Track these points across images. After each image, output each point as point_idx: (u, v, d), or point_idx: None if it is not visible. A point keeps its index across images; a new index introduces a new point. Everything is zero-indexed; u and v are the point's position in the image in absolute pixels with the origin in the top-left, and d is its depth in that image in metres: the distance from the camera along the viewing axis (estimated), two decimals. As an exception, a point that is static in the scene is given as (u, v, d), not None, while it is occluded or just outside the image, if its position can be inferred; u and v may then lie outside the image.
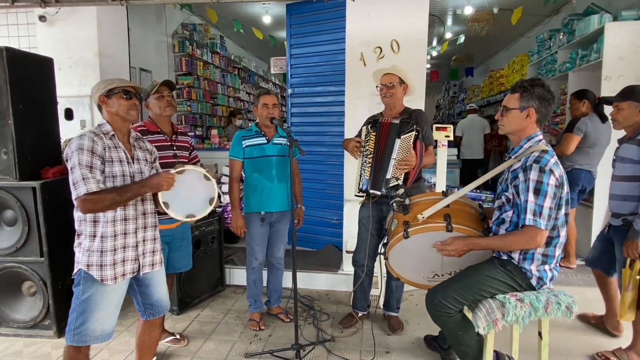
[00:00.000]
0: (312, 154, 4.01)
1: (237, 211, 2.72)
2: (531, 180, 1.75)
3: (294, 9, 4.12)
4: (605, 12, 4.30)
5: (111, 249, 1.79)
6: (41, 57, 2.83)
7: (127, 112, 1.85)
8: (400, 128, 2.37)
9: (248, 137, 2.69)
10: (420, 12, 3.22)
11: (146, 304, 2.00)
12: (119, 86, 1.84)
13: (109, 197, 1.70)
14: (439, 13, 6.61)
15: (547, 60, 5.78)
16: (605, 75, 3.79)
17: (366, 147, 2.48)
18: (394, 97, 2.56)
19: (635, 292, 2.17)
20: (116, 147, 1.83)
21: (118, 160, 1.81)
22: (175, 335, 2.67)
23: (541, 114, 1.87)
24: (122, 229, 1.82)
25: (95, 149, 1.73)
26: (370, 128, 2.48)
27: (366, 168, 2.46)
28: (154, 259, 1.96)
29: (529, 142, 1.88)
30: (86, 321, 1.79)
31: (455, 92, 12.51)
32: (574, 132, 3.54)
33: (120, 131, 1.88)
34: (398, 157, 2.35)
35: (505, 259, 1.90)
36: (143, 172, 1.91)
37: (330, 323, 2.92)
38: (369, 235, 2.63)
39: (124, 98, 1.83)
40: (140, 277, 1.93)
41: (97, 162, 1.73)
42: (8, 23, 4.08)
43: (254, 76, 10.02)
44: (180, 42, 6.20)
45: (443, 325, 2.01)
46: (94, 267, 1.77)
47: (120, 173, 1.80)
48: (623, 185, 2.29)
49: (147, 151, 2.00)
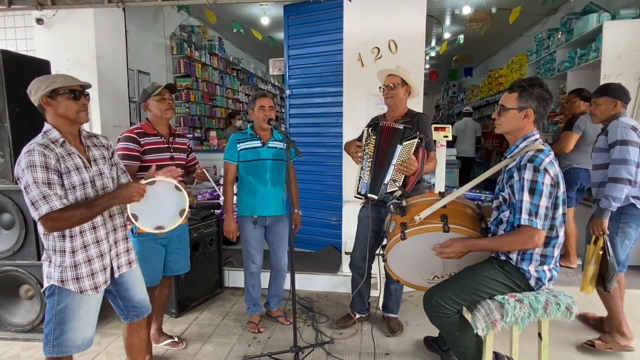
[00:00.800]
0: (310, 154, 4.01)
1: (230, 215, 2.71)
2: (526, 180, 1.74)
3: (291, 10, 4.11)
4: (604, 10, 4.30)
5: (85, 261, 1.70)
6: (38, 60, 2.83)
7: (76, 114, 1.68)
8: (403, 134, 2.32)
9: (243, 140, 2.67)
10: (418, 12, 3.21)
11: (128, 306, 1.92)
12: (64, 86, 1.65)
13: (77, 212, 1.58)
14: (437, 13, 6.61)
15: (545, 60, 5.78)
16: (604, 74, 3.78)
17: (366, 151, 2.45)
18: (396, 98, 2.54)
19: (597, 266, 2.35)
20: (70, 154, 1.66)
21: (75, 168, 1.66)
22: (174, 338, 2.65)
23: (539, 114, 1.85)
24: (93, 238, 1.72)
25: (49, 163, 1.57)
26: (370, 131, 2.44)
27: (366, 171, 2.43)
28: (130, 257, 1.89)
29: (525, 142, 1.87)
30: (65, 332, 1.69)
31: (455, 93, 12.51)
32: (573, 130, 3.54)
33: (70, 134, 1.71)
34: (398, 163, 2.30)
35: (504, 259, 1.89)
36: (103, 173, 1.78)
37: (330, 325, 2.90)
38: (367, 235, 2.62)
39: (71, 99, 1.66)
40: (118, 281, 1.84)
41: (54, 176, 1.58)
42: (5, 26, 4.07)
43: (252, 78, 10.01)
44: (179, 44, 6.19)
45: (441, 326, 1.99)
46: (70, 282, 1.67)
47: (79, 182, 1.66)
48: (599, 173, 2.52)
49: (103, 147, 1.85)
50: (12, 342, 2.66)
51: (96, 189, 1.74)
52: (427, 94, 13.91)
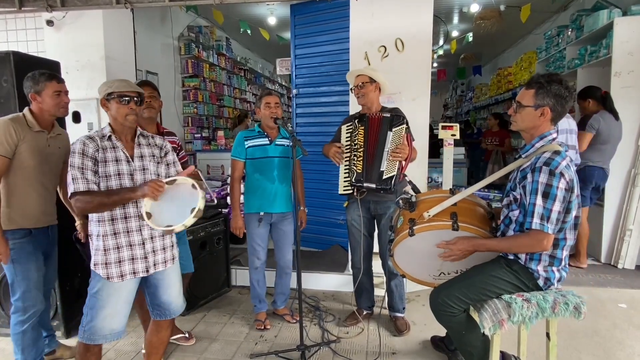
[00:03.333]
0: (317, 154, 3.99)
1: (236, 212, 2.73)
2: (540, 183, 1.69)
3: (298, 9, 4.12)
4: (615, 7, 4.23)
5: (114, 247, 1.81)
6: (48, 61, 2.86)
7: (124, 117, 1.84)
8: (391, 122, 2.44)
9: (251, 138, 2.69)
10: (425, 10, 3.19)
11: (153, 303, 2.00)
12: (116, 91, 1.82)
13: (97, 198, 1.74)
14: (445, 11, 6.56)
15: (555, 57, 5.69)
16: (615, 71, 3.73)
17: (355, 142, 2.51)
18: (367, 96, 2.60)
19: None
20: (114, 147, 1.84)
21: (114, 160, 1.83)
22: (185, 333, 2.69)
23: (556, 112, 1.78)
24: (124, 227, 1.84)
25: (87, 151, 1.77)
26: (357, 123, 2.53)
27: (357, 162, 2.48)
28: (165, 255, 1.95)
29: (542, 141, 1.81)
30: (94, 318, 1.81)
31: (463, 91, 12.41)
32: (587, 130, 3.52)
33: (121, 132, 1.88)
34: (391, 148, 2.39)
35: (512, 259, 1.87)
36: (146, 169, 1.90)
37: (336, 324, 2.90)
38: (361, 236, 2.64)
39: (120, 103, 1.82)
40: (148, 277, 1.92)
41: (89, 163, 1.77)
42: (17, 28, 4.13)
43: (260, 78, 10.04)
44: (186, 45, 6.23)
45: (447, 325, 1.98)
46: (100, 266, 1.81)
47: (115, 172, 1.82)
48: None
49: (155, 146, 1.99)
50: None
51: (134, 181, 1.86)
52: (435, 92, 13.86)
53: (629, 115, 3.65)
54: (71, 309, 2.75)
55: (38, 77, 2.14)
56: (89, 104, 3.88)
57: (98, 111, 3.88)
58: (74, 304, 2.78)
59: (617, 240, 3.82)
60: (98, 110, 3.87)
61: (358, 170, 2.46)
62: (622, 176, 3.80)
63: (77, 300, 2.83)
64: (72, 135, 3.18)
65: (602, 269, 3.74)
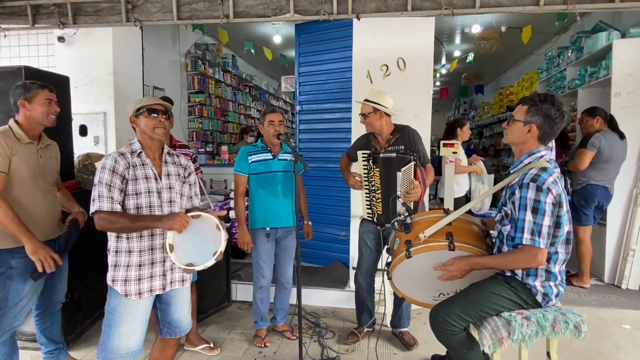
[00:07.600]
0: (319, 170, 4.04)
1: (243, 227, 2.73)
2: (528, 199, 1.72)
3: (302, 29, 4.22)
4: (614, 29, 4.31)
5: (136, 264, 1.80)
6: (58, 76, 2.94)
7: (152, 130, 1.84)
8: (398, 163, 2.40)
9: (254, 153, 2.72)
10: (426, 30, 3.26)
11: (164, 321, 1.97)
12: (145, 105, 1.85)
13: (121, 221, 1.72)
14: (447, 31, 6.69)
15: (556, 77, 5.77)
16: (614, 92, 3.78)
17: (372, 183, 2.53)
18: (372, 125, 2.61)
19: None
20: (143, 165, 1.84)
21: (144, 177, 1.82)
22: (210, 343, 2.73)
23: (543, 131, 1.83)
24: (149, 245, 1.83)
25: (117, 169, 1.76)
26: (372, 164, 2.51)
27: (376, 204, 2.53)
28: (183, 274, 1.93)
29: (529, 158, 1.86)
30: (110, 336, 1.78)
31: (466, 110, 12.51)
32: (588, 148, 3.53)
33: (149, 148, 1.89)
34: (403, 190, 2.38)
35: (509, 275, 1.87)
36: (172, 187, 1.90)
37: (336, 340, 2.88)
38: (369, 250, 2.65)
39: (148, 116, 1.84)
40: (162, 295, 1.89)
41: (117, 181, 1.75)
42: (29, 44, 4.26)
43: (264, 94, 10.18)
44: (193, 61, 6.36)
45: (447, 344, 1.97)
46: (118, 282, 1.78)
47: (145, 190, 1.82)
48: None
49: (180, 166, 1.99)
50: (22, 351, 2.66)
51: (162, 199, 1.86)
52: (438, 110, 13.96)
53: (629, 135, 3.67)
54: (71, 320, 2.75)
55: (29, 85, 2.12)
56: (95, 118, 3.95)
57: (105, 125, 3.95)
58: (74, 316, 2.78)
59: (621, 260, 3.80)
60: (105, 124, 3.94)
61: (379, 212, 2.55)
62: (624, 196, 3.80)
63: (77, 312, 2.84)
64: (79, 149, 3.25)
65: (606, 289, 3.71)
